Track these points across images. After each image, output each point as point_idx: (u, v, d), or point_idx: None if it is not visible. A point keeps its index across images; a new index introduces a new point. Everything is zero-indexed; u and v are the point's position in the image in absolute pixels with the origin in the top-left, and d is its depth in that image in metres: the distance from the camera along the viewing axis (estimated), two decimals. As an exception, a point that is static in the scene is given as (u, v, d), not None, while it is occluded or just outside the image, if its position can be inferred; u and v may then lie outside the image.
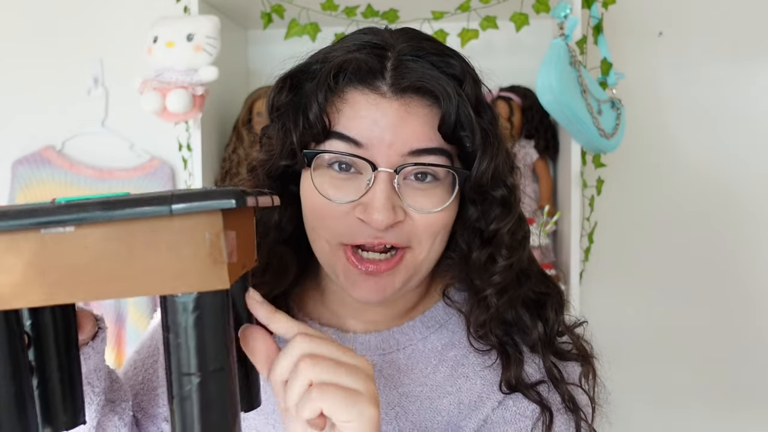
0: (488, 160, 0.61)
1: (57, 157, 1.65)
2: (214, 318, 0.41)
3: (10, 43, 1.68)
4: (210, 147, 1.43)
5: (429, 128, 0.60)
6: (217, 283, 0.40)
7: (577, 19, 1.22)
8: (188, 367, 0.41)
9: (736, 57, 1.55)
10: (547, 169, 1.53)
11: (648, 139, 1.56)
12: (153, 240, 0.40)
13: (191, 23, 1.27)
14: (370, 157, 0.59)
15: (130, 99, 1.48)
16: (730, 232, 1.58)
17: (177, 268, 0.40)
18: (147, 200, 0.39)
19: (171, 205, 0.38)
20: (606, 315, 1.57)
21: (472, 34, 1.33)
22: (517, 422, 0.64)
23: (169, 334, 0.42)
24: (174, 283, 0.40)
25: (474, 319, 0.65)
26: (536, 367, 0.66)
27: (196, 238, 0.40)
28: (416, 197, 0.60)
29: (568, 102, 1.17)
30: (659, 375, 1.60)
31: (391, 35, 0.63)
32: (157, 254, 0.40)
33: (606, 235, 1.52)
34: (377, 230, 0.59)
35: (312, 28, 1.34)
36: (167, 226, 0.40)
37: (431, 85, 0.59)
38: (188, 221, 0.40)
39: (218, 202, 0.39)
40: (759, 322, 1.58)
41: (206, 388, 0.41)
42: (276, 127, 0.65)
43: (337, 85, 0.60)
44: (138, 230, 0.40)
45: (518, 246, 0.65)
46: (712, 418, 1.60)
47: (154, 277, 0.40)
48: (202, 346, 0.41)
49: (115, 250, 0.40)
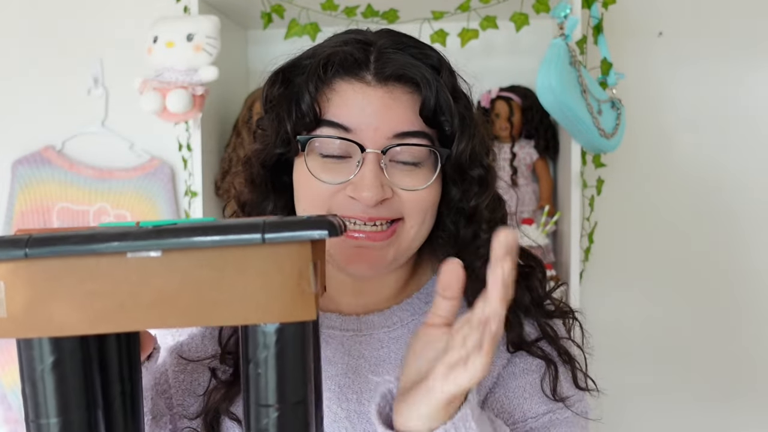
0: (466, 141, 0.67)
1: (57, 157, 1.65)
2: (297, 349, 0.41)
3: (10, 42, 1.68)
4: (210, 147, 1.43)
5: (411, 113, 0.65)
6: (304, 314, 0.40)
7: (577, 19, 1.22)
8: (266, 399, 0.41)
9: (736, 57, 1.55)
10: (547, 169, 1.53)
11: (648, 139, 1.56)
12: (242, 268, 0.39)
13: (191, 23, 1.27)
14: (358, 140, 0.64)
15: (130, 99, 1.48)
16: (730, 231, 1.58)
17: (264, 298, 0.40)
18: (240, 228, 0.38)
19: (264, 234, 0.38)
20: (606, 315, 1.57)
21: (472, 34, 1.33)
22: (525, 376, 0.70)
23: (249, 364, 0.41)
24: (260, 313, 0.40)
25: (470, 291, 0.68)
26: (532, 328, 0.72)
27: (286, 268, 0.39)
28: (402, 177, 0.66)
29: (568, 102, 1.17)
30: (659, 375, 1.60)
31: (373, 34, 0.69)
32: (245, 282, 0.39)
33: (606, 235, 1.52)
34: (367, 206, 0.64)
35: (312, 28, 1.34)
36: (258, 254, 0.39)
37: (412, 73, 0.65)
38: (279, 250, 0.39)
39: (312, 232, 0.39)
40: (759, 322, 1.58)
41: (284, 421, 0.41)
42: (270, 117, 0.70)
43: (326, 76, 0.65)
44: (228, 257, 0.39)
45: (498, 222, 0.71)
46: (712, 417, 1.60)
47: (240, 305, 0.40)
48: (282, 378, 0.41)
49: (204, 276, 0.39)
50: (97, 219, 1.63)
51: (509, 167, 1.50)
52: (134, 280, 0.39)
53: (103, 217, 1.63)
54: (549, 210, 1.45)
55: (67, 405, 0.41)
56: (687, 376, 1.60)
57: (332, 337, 0.72)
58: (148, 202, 1.62)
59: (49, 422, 0.41)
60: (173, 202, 1.62)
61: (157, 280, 0.39)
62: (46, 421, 0.41)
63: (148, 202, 1.62)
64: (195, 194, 1.38)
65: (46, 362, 0.41)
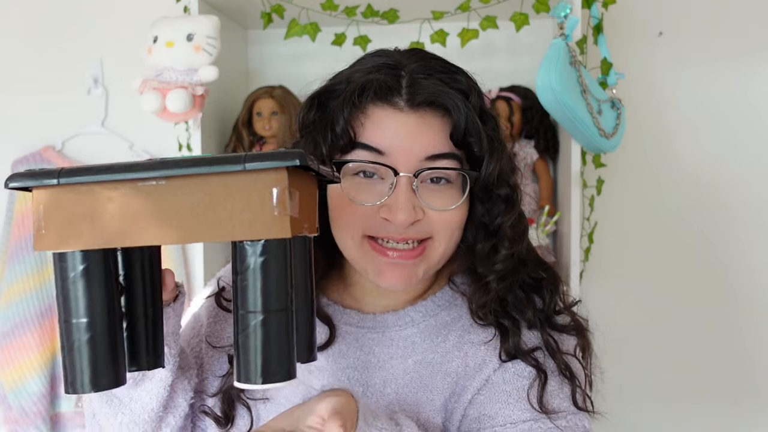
0: (494, 162, 0.70)
1: (57, 157, 1.65)
2: (277, 263, 0.47)
3: (10, 42, 1.68)
4: (210, 147, 1.43)
5: (442, 136, 0.69)
6: (281, 232, 0.46)
7: (577, 19, 1.22)
8: (254, 306, 0.47)
9: (736, 57, 1.55)
10: (547, 169, 1.53)
11: (648, 139, 1.56)
12: (230, 192, 0.46)
13: (191, 23, 1.27)
14: (391, 164, 0.68)
15: (130, 99, 1.47)
16: (730, 231, 1.58)
17: (248, 218, 0.46)
18: (226, 159, 0.46)
19: (245, 163, 0.46)
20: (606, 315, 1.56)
21: (472, 34, 1.33)
22: (516, 382, 0.71)
23: (237, 276, 0.47)
24: (245, 231, 0.46)
25: (475, 301, 0.74)
26: (533, 338, 0.74)
27: (265, 192, 0.46)
28: (433, 197, 0.69)
29: (568, 102, 1.17)
30: (659, 375, 1.60)
31: (401, 56, 0.73)
32: (232, 204, 0.46)
33: (606, 235, 1.52)
34: (400, 227, 0.68)
35: (312, 28, 1.34)
36: (242, 180, 0.46)
37: (443, 99, 0.68)
38: (258, 176, 0.46)
39: (284, 161, 0.45)
40: (759, 322, 1.58)
41: (268, 325, 0.47)
42: (306, 141, 0.73)
43: (360, 102, 0.69)
44: (218, 183, 0.47)
45: (519, 238, 0.74)
46: (712, 417, 1.60)
47: (229, 224, 0.47)
48: (266, 287, 0.47)
49: (199, 199, 0.47)
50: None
51: (509, 167, 1.49)
52: (144, 202, 0.47)
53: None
54: (549, 210, 1.45)
55: (93, 307, 0.49)
56: (687, 376, 1.60)
57: (349, 333, 0.77)
58: (148, 202, 1.62)
59: (78, 321, 0.49)
60: (173, 202, 1.62)
61: (162, 203, 0.47)
62: (75, 321, 0.49)
63: (148, 202, 1.62)
64: (195, 194, 1.38)
65: (78, 270, 0.49)
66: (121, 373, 0.51)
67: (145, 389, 0.66)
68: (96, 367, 0.49)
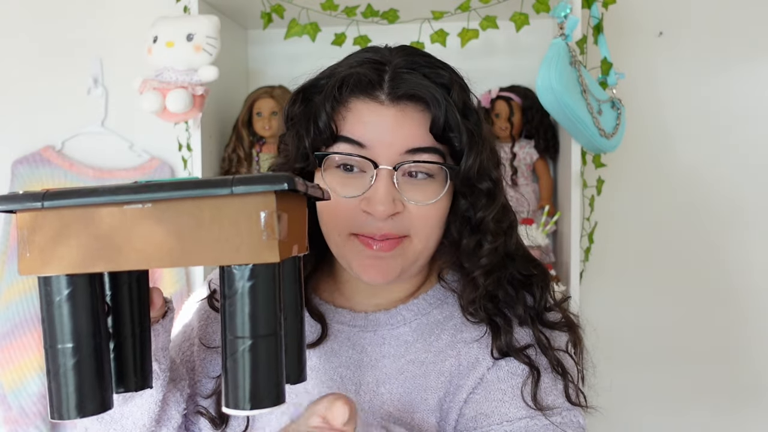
0: (474, 156, 0.70)
1: (57, 156, 1.65)
2: (265, 288, 0.46)
3: (10, 42, 1.68)
4: (210, 147, 1.43)
5: (422, 130, 0.69)
6: (269, 257, 0.46)
7: (577, 19, 1.23)
8: (242, 331, 0.46)
9: (736, 57, 1.55)
10: (547, 169, 1.53)
11: (648, 139, 1.56)
12: (217, 216, 0.46)
13: (191, 23, 1.27)
14: (372, 157, 0.68)
15: (130, 99, 1.48)
16: (730, 231, 1.58)
17: (236, 242, 0.46)
18: (213, 183, 0.45)
19: (232, 187, 0.45)
20: (606, 315, 1.57)
21: (472, 34, 1.33)
22: (510, 380, 0.71)
23: (225, 301, 0.47)
24: (233, 255, 0.46)
25: (465, 297, 0.74)
26: (525, 335, 0.74)
27: (252, 216, 0.45)
28: (413, 191, 0.69)
29: (568, 102, 1.17)
30: (659, 375, 1.60)
31: (389, 52, 0.73)
32: (220, 228, 0.46)
33: (606, 235, 1.52)
34: (379, 220, 0.68)
35: (312, 28, 1.34)
36: (229, 204, 0.46)
37: (423, 93, 0.68)
38: (246, 200, 0.45)
39: (272, 185, 0.45)
40: (759, 322, 1.58)
41: (256, 350, 0.46)
42: (291, 134, 0.74)
43: (342, 96, 0.69)
44: (205, 207, 0.46)
45: (503, 232, 0.74)
46: (712, 417, 1.60)
47: (216, 248, 0.46)
48: (254, 313, 0.46)
49: (186, 223, 0.46)
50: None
51: (509, 167, 1.50)
52: (129, 226, 0.47)
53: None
54: (549, 210, 1.45)
55: (79, 332, 0.48)
56: (687, 377, 1.60)
57: (341, 332, 0.77)
58: (148, 202, 1.62)
59: (64, 347, 0.48)
60: (173, 202, 1.62)
61: (148, 226, 0.47)
62: (61, 346, 0.48)
63: (148, 202, 1.62)
64: (195, 194, 1.38)
65: (63, 294, 0.48)
66: (107, 397, 0.50)
67: (136, 405, 0.66)
68: (82, 393, 0.48)
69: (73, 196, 0.46)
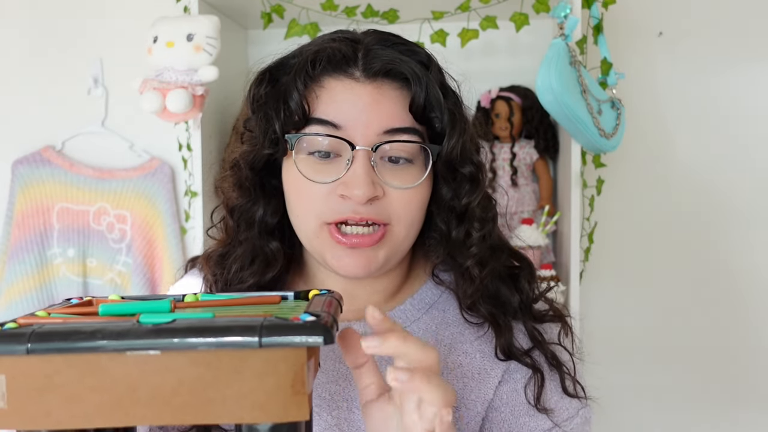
0: (456, 137, 0.65)
1: (57, 156, 1.65)
2: None
3: (10, 42, 1.68)
4: (210, 147, 1.43)
5: (401, 109, 0.65)
6: (297, 415, 0.40)
7: (577, 19, 1.22)
8: None
9: (736, 57, 1.55)
10: (547, 169, 1.53)
11: (648, 139, 1.56)
12: (238, 369, 0.40)
13: (191, 23, 1.27)
14: (348, 137, 0.64)
15: (130, 99, 1.48)
16: (729, 232, 1.58)
17: (259, 398, 0.40)
18: (237, 330, 0.39)
19: (261, 338, 0.39)
20: (606, 315, 1.57)
21: (472, 34, 1.33)
22: (525, 392, 0.69)
23: None
24: (255, 413, 0.40)
25: (462, 292, 0.70)
26: (522, 333, 0.71)
27: (281, 370, 0.40)
28: (393, 176, 0.65)
29: (568, 102, 1.17)
30: (659, 375, 1.60)
31: (361, 33, 0.69)
32: (240, 383, 0.40)
33: (606, 235, 1.52)
34: (358, 205, 0.63)
35: (312, 28, 1.34)
36: (254, 357, 0.40)
37: (401, 68, 0.64)
38: (275, 353, 0.40)
39: (307, 338, 0.39)
40: (758, 322, 1.58)
41: None
42: (258, 117, 0.68)
43: (314, 72, 0.65)
44: (225, 358, 0.40)
45: (489, 220, 0.70)
46: (711, 418, 1.60)
47: (235, 405, 0.40)
48: None
49: (200, 375, 0.40)
50: (97, 219, 1.63)
51: (509, 167, 1.50)
52: (132, 376, 0.40)
53: (103, 217, 1.63)
54: (549, 210, 1.45)
55: None
56: (687, 377, 1.60)
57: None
58: (148, 202, 1.62)
59: None
60: (173, 203, 1.62)
61: (155, 377, 0.40)
62: None
63: (148, 202, 1.62)
64: (195, 194, 1.38)
65: None
66: None
67: None
68: None
69: (66, 339, 0.39)
